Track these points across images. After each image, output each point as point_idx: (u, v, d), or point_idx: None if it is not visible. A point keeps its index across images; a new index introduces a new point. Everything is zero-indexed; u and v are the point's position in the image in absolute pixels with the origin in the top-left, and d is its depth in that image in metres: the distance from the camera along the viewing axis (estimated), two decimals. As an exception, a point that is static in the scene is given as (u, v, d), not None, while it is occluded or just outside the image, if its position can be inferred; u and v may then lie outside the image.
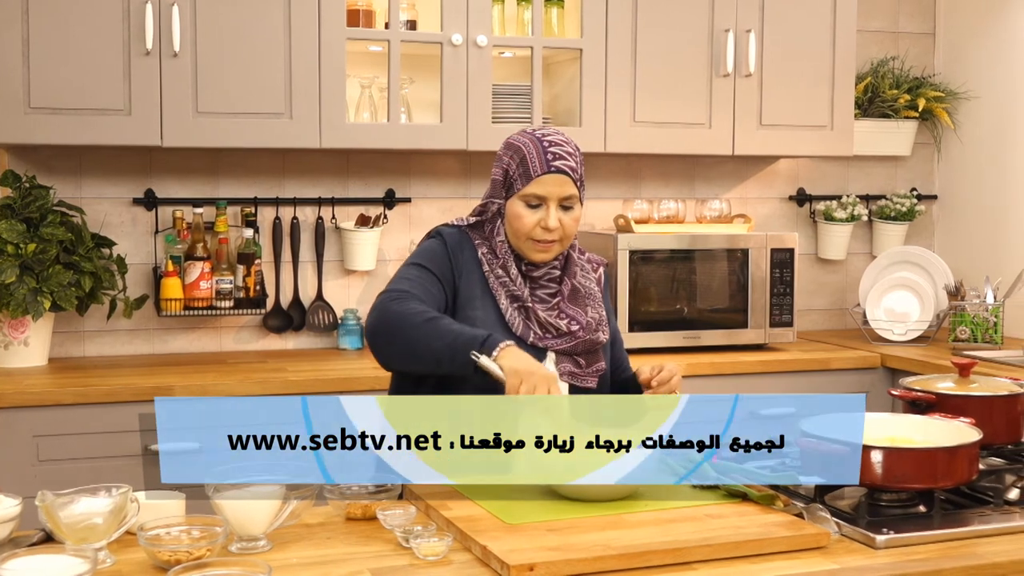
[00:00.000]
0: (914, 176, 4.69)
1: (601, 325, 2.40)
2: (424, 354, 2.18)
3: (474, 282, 2.35)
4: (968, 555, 1.79)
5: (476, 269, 2.36)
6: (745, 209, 4.37)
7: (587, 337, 2.35)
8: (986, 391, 2.31)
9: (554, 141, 2.35)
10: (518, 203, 2.34)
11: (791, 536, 1.82)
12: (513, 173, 2.35)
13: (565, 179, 2.33)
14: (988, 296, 3.99)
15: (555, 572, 1.69)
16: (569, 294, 2.38)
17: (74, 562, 1.61)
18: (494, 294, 2.34)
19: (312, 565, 1.76)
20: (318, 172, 3.94)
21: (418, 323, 2.19)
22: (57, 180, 3.67)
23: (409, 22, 3.73)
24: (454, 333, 2.17)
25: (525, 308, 2.34)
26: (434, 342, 2.17)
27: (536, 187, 2.32)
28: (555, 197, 2.32)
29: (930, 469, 1.96)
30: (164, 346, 3.83)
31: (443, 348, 2.16)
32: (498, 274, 2.35)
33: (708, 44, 3.92)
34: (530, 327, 2.33)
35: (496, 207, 2.39)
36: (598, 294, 2.45)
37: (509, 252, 2.37)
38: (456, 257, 2.36)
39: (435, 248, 2.38)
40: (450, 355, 2.15)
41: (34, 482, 3.02)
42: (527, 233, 2.33)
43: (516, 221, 2.34)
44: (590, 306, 2.40)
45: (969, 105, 4.51)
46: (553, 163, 2.32)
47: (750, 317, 3.95)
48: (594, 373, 2.36)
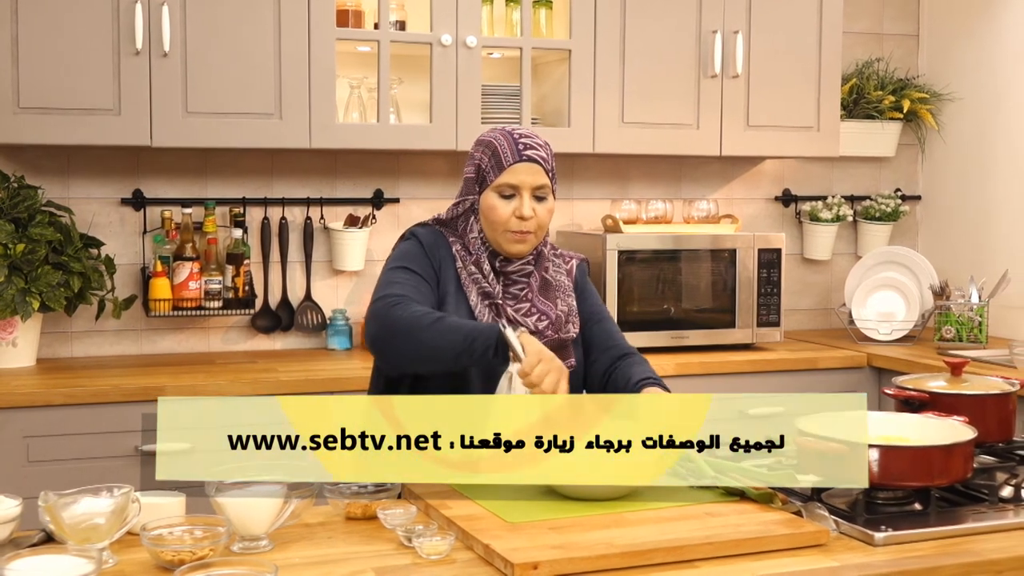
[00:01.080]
0: (898, 177, 4.72)
1: (571, 317, 2.44)
2: (440, 353, 2.20)
3: (448, 279, 2.39)
4: (965, 552, 1.81)
5: (451, 266, 2.40)
6: (731, 209, 4.39)
7: (555, 336, 2.39)
8: (978, 390, 2.33)
9: (524, 134, 2.42)
10: (492, 195, 2.38)
11: (791, 534, 1.83)
12: (485, 166, 2.39)
13: (537, 168, 2.37)
14: (973, 296, 4.02)
15: (559, 570, 1.69)
16: (539, 287, 2.42)
17: (78, 562, 1.61)
18: (466, 291, 2.38)
19: (315, 565, 1.76)
20: (306, 172, 3.94)
21: (427, 324, 2.21)
22: (44, 180, 3.65)
23: (398, 22, 3.74)
24: (468, 325, 2.22)
25: (495, 305, 2.38)
26: (450, 338, 2.19)
27: (509, 176, 2.36)
28: (528, 186, 2.36)
29: (926, 467, 1.97)
30: (152, 346, 3.82)
31: (461, 341, 2.18)
32: (470, 271, 2.39)
33: (696, 45, 3.94)
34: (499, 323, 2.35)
35: (469, 203, 2.42)
36: (568, 286, 2.48)
37: (482, 248, 2.40)
38: (433, 255, 2.40)
39: (413, 249, 2.41)
40: (468, 346, 2.17)
41: (24, 483, 3.00)
42: (503, 224, 2.36)
43: (491, 213, 2.37)
44: (559, 299, 2.44)
45: (953, 106, 4.55)
46: (525, 152, 2.37)
47: (737, 317, 3.97)
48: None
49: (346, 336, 3.92)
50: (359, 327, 3.98)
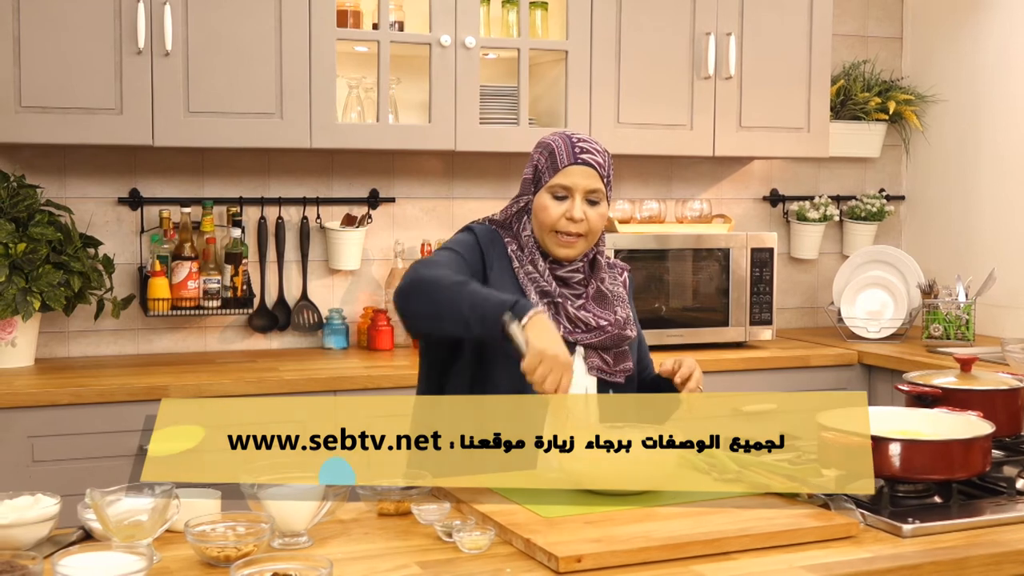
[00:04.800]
0: (883, 177, 4.79)
1: (628, 323, 2.44)
2: (453, 316, 2.18)
3: (505, 278, 2.38)
4: (992, 543, 1.86)
5: (507, 266, 2.40)
6: (720, 209, 4.44)
7: (616, 332, 2.40)
8: (989, 385, 2.38)
9: (582, 138, 2.42)
10: (545, 195, 2.38)
11: (823, 526, 1.87)
12: (542, 167, 2.40)
13: (591, 172, 2.37)
14: (960, 294, 4.09)
15: (602, 563, 1.72)
16: (594, 295, 2.42)
17: (130, 559, 1.62)
18: (524, 289, 2.37)
19: (358, 560, 1.78)
20: (303, 172, 3.95)
21: (447, 284, 2.20)
22: (41, 179, 3.64)
23: (396, 23, 3.75)
24: (483, 295, 2.18)
25: (555, 303, 2.37)
26: (463, 304, 2.17)
27: (562, 178, 2.37)
28: (581, 189, 2.36)
29: (947, 461, 2.02)
30: (149, 346, 3.81)
31: (471, 310, 2.16)
32: (527, 270, 2.39)
33: (690, 47, 3.99)
34: (560, 321, 2.36)
35: (524, 203, 2.43)
36: (624, 296, 2.49)
37: (535, 246, 2.41)
38: (487, 251, 2.40)
39: (467, 239, 2.42)
40: (479, 317, 2.15)
41: (29, 483, 3.00)
42: (552, 224, 2.36)
43: (542, 212, 2.37)
44: (618, 307, 2.45)
45: (937, 108, 4.62)
46: (580, 156, 2.37)
47: (731, 315, 4.02)
48: (621, 372, 2.41)
49: (343, 335, 3.93)
50: (355, 326, 4.00)
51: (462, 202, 4.13)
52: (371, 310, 3.95)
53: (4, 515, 1.78)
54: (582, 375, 2.34)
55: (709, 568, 1.74)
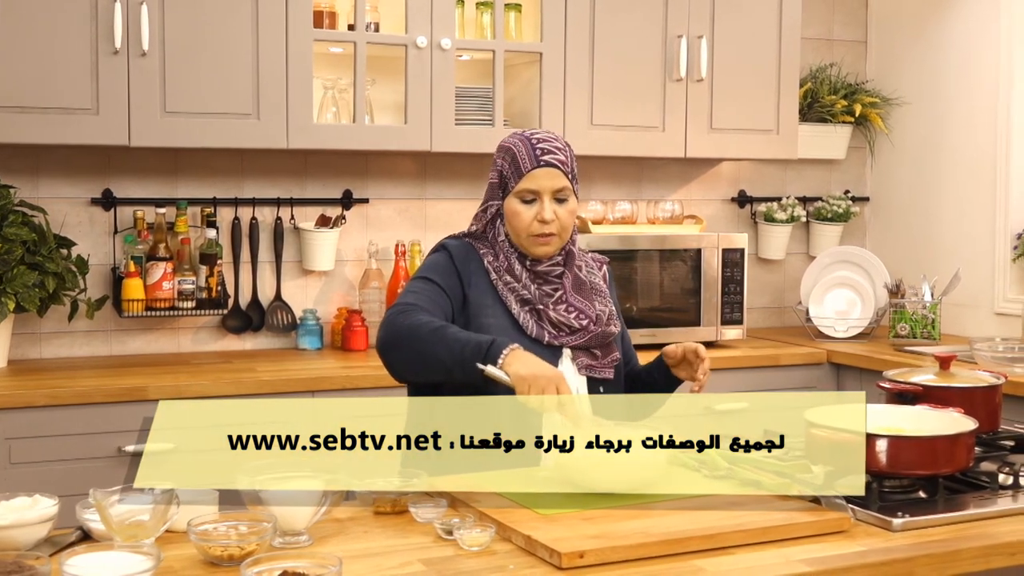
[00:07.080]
0: (848, 179, 4.86)
1: (611, 319, 2.48)
2: (434, 364, 2.24)
3: (484, 291, 2.42)
4: (982, 535, 1.90)
5: (484, 278, 2.44)
6: (690, 210, 4.48)
7: (599, 330, 2.44)
8: (968, 383, 2.43)
9: (542, 138, 2.45)
10: (514, 200, 2.42)
11: (815, 521, 1.91)
12: (507, 173, 2.44)
13: (555, 172, 2.42)
14: (926, 294, 4.16)
15: (604, 558, 1.75)
16: (572, 285, 2.46)
17: (137, 559, 1.63)
18: (504, 300, 2.42)
19: (360, 558, 1.79)
20: (277, 172, 3.95)
21: (424, 334, 2.25)
22: (13, 179, 3.61)
23: (373, 24, 3.76)
24: (461, 342, 2.22)
25: (536, 310, 2.41)
26: (441, 352, 2.23)
27: (528, 182, 2.41)
28: (547, 190, 2.41)
29: (933, 456, 2.07)
30: (122, 347, 3.79)
31: (450, 357, 2.21)
32: (506, 280, 2.42)
33: (662, 49, 4.03)
34: (543, 327, 2.40)
35: (495, 208, 2.47)
36: (604, 289, 2.53)
37: (512, 251, 2.44)
38: (463, 268, 2.43)
39: (440, 261, 2.45)
40: (459, 364, 2.21)
41: (7, 485, 2.97)
42: (526, 228, 2.41)
43: (514, 218, 2.42)
44: (597, 300, 2.49)
45: (901, 110, 4.70)
46: (542, 158, 2.41)
47: (702, 315, 4.06)
48: (610, 364, 2.46)
49: (316, 336, 3.93)
50: (329, 327, 4.00)
51: (435, 203, 4.15)
52: (345, 311, 3.95)
53: (4, 516, 1.78)
54: (573, 376, 2.38)
55: (708, 562, 1.77)
